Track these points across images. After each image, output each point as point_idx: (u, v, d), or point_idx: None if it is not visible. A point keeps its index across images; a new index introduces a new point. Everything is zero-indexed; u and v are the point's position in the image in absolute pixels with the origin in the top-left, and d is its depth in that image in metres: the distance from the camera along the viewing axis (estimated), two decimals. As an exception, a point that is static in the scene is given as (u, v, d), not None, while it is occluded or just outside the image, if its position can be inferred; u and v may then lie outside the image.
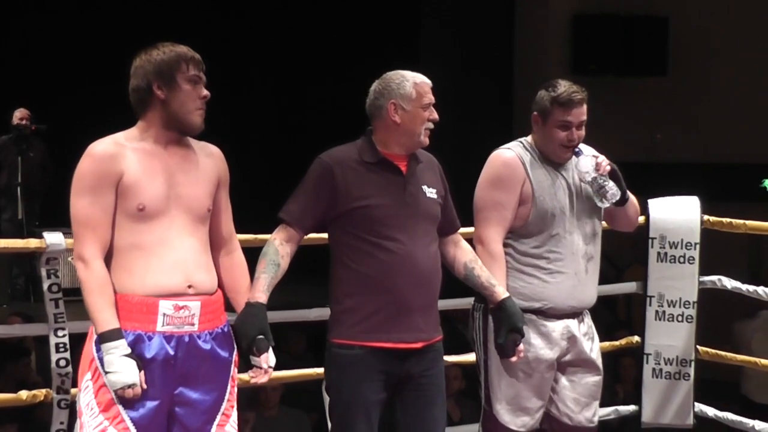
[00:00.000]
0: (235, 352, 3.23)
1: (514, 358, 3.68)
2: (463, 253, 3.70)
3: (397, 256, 3.46)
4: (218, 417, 3.16)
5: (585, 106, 3.82)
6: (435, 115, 3.54)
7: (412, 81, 3.53)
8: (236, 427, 3.22)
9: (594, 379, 3.93)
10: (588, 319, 3.94)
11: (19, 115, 9.50)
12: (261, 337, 3.26)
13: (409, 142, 3.53)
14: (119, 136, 3.15)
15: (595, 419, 3.96)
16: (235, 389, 3.25)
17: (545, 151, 3.84)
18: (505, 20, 10.71)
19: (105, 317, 3.03)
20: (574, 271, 3.82)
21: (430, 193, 3.57)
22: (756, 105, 9.95)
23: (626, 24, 10.43)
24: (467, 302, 4.88)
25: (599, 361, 3.96)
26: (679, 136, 10.14)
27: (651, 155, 9.93)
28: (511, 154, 3.83)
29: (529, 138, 3.89)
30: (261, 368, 3.26)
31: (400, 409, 3.53)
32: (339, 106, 10.58)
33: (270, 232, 3.60)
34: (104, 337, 3.01)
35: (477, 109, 10.10)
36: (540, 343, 3.81)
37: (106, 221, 3.08)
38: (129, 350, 3.02)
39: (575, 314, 3.87)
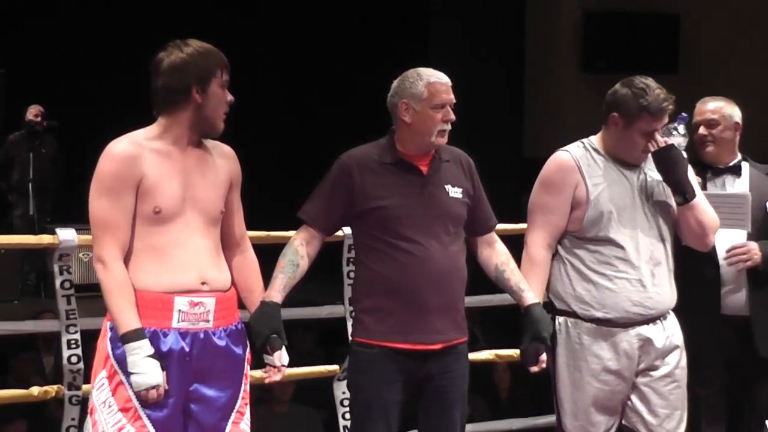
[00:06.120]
0: (248, 350, 3.23)
1: (535, 368, 3.54)
2: (496, 255, 3.60)
3: (414, 257, 3.41)
4: (233, 414, 3.16)
5: None
6: (450, 116, 3.45)
7: (426, 81, 3.45)
8: (249, 425, 3.21)
9: (671, 387, 3.67)
10: (669, 323, 3.68)
11: (33, 111, 9.50)
12: (275, 336, 3.26)
13: (420, 142, 3.46)
14: (137, 135, 3.12)
15: (679, 430, 3.69)
16: (248, 387, 3.24)
17: (618, 152, 3.66)
18: (515, 18, 10.73)
19: (127, 318, 3.02)
20: (638, 277, 3.60)
21: (454, 192, 3.49)
22: (767, 103, 9.92)
23: (637, 22, 10.43)
24: (478, 300, 4.91)
25: (679, 367, 3.69)
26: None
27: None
28: (567, 156, 3.67)
29: (594, 138, 3.72)
30: (274, 367, 3.27)
31: (420, 410, 3.50)
32: (352, 103, 10.61)
33: (284, 230, 3.60)
34: (127, 338, 3.01)
35: (488, 106, 10.11)
36: (608, 354, 3.61)
37: (126, 223, 3.07)
38: (152, 350, 3.01)
39: (647, 321, 3.63)
